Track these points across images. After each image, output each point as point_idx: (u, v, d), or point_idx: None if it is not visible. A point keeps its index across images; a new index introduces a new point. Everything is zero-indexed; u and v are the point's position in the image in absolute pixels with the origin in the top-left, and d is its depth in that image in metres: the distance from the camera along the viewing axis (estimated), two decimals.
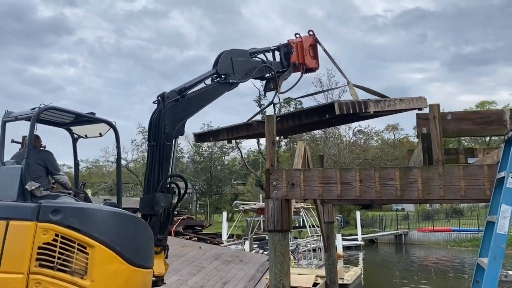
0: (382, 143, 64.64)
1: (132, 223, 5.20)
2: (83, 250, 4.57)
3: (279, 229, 6.76)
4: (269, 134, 7.01)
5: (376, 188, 6.37)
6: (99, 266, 4.64)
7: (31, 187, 4.82)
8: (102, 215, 4.95)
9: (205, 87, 6.37)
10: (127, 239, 5.02)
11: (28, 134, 5.01)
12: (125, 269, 4.94)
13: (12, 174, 4.95)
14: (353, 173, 6.54)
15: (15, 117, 5.34)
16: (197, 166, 58.55)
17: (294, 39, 8.38)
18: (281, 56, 8.04)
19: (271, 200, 6.82)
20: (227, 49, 6.89)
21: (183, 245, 12.84)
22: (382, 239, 44.16)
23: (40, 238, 4.41)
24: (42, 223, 4.46)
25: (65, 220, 4.53)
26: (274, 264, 6.73)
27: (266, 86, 7.94)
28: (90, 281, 4.55)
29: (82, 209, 4.88)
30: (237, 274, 11.03)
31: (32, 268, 4.36)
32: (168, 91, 5.77)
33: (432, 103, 6.32)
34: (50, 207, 4.58)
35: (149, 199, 5.46)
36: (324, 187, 6.65)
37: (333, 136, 58.43)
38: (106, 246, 4.73)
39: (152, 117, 5.69)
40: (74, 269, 4.50)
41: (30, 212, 4.50)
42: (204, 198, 59.12)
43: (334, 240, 12.14)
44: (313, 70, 8.66)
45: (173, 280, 9.87)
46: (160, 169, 5.53)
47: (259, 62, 7.51)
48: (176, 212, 14.63)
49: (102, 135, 5.97)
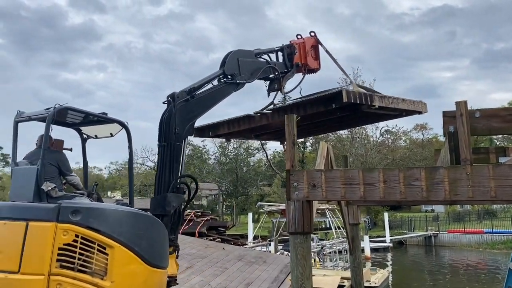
0: (411, 143, 63.33)
1: (149, 223, 5.20)
2: (103, 251, 4.57)
3: (301, 231, 6.61)
4: (289, 134, 6.86)
5: (401, 189, 6.13)
6: (119, 267, 4.66)
7: (47, 188, 4.82)
8: (121, 215, 4.95)
9: (213, 87, 6.40)
10: (145, 239, 5.02)
11: (44, 134, 5.01)
12: (144, 269, 4.95)
13: (28, 175, 4.95)
14: (377, 173, 6.32)
15: (28, 117, 5.32)
16: (223, 167, 58.76)
17: (296, 40, 8.39)
18: (284, 57, 8.07)
19: (292, 201, 6.68)
20: (233, 50, 6.91)
21: (206, 246, 12.81)
22: (411, 240, 43.19)
23: (60, 239, 4.42)
24: (62, 224, 4.47)
25: (85, 221, 4.54)
26: (296, 267, 6.58)
27: (270, 86, 7.98)
28: (110, 282, 4.55)
29: (102, 210, 4.88)
30: (261, 275, 10.92)
31: (53, 269, 4.37)
32: (178, 91, 5.79)
33: (459, 100, 6.04)
34: (70, 207, 4.58)
35: (160, 200, 5.46)
36: (347, 188, 6.46)
37: (359, 136, 57.64)
38: (125, 247, 4.74)
39: (162, 117, 5.70)
40: (94, 269, 4.50)
41: (50, 213, 4.50)
42: (230, 199, 59.27)
43: (360, 242, 11.85)
44: (315, 71, 8.68)
45: (196, 281, 9.84)
46: (171, 170, 5.54)
47: (264, 63, 7.55)
48: (200, 213, 14.65)
49: (113, 135, 5.96)
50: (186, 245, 12.63)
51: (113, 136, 5.95)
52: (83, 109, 5.40)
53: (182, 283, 9.32)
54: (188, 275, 10.11)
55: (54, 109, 5.00)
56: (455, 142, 6.16)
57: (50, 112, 4.99)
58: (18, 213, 4.60)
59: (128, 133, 5.74)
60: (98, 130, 5.97)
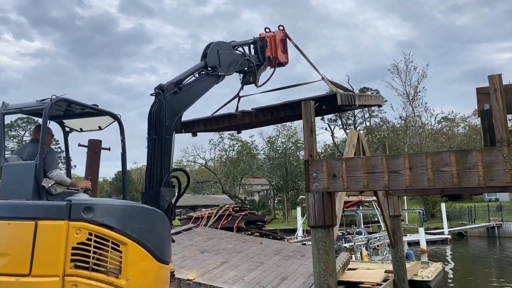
0: (470, 129, 59.99)
1: (157, 218, 5.04)
2: (117, 248, 4.43)
3: (321, 225, 6.18)
4: (307, 122, 6.43)
5: (429, 176, 5.55)
6: (133, 264, 4.52)
7: (48, 185, 4.65)
8: (132, 211, 4.79)
9: (196, 79, 6.31)
10: (155, 235, 4.88)
11: (41, 128, 4.78)
12: (154, 266, 4.81)
13: (23, 171, 4.75)
14: (402, 159, 5.76)
15: (19, 109, 5.07)
16: (272, 162, 58.56)
17: (266, 33, 8.37)
18: (257, 50, 8.09)
19: (311, 193, 6.26)
20: (213, 41, 6.86)
21: (244, 241, 12.62)
22: (472, 232, 40.78)
23: (73, 237, 4.27)
24: (74, 222, 4.30)
25: (98, 218, 4.38)
26: (318, 262, 6.17)
27: (244, 79, 8.01)
28: (125, 280, 4.43)
29: (114, 206, 4.71)
30: (297, 270, 10.55)
31: (67, 270, 4.22)
32: (166, 83, 5.62)
33: (491, 74, 5.36)
34: (81, 204, 4.41)
35: (154, 194, 5.28)
36: (369, 177, 5.95)
37: (413, 125, 55.41)
38: (138, 243, 4.61)
39: (151, 110, 5.51)
40: (108, 268, 4.37)
41: (61, 210, 4.31)
42: (281, 194, 58.98)
43: (402, 235, 11.14)
44: (283, 64, 8.69)
45: (230, 276, 9.64)
46: (162, 163, 5.36)
47: (240, 56, 7.58)
48: (238, 207, 14.49)
49: (102, 128, 5.75)
50: (223, 240, 12.52)
51: (102, 130, 5.76)
52: (79, 101, 5.18)
53: (216, 278, 9.18)
54: (222, 270, 9.94)
55: (51, 101, 4.77)
56: (489, 121, 5.50)
57: (47, 104, 4.75)
58: (25, 212, 4.40)
59: (120, 126, 5.56)
60: (84, 123, 5.76)
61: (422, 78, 55.79)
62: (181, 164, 68.03)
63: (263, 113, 7.78)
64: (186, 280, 8.63)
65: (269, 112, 7.62)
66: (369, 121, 62.61)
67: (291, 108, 7.47)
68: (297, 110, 7.37)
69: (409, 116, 56.62)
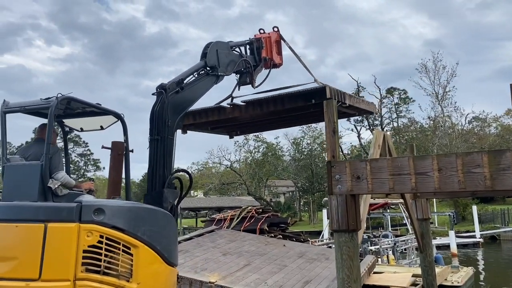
0: (502, 129, 58.08)
1: (166, 220, 4.94)
2: (128, 251, 4.31)
3: (345, 229, 5.94)
4: (329, 121, 6.23)
5: (459, 178, 5.24)
6: (144, 267, 4.41)
7: (54, 186, 4.54)
8: (143, 213, 4.66)
9: (196, 79, 6.26)
10: (165, 237, 4.77)
11: (47, 127, 4.62)
12: (164, 269, 4.71)
13: (28, 172, 4.61)
14: (430, 160, 5.47)
15: (22, 107, 4.86)
16: (298, 164, 58.14)
17: (261, 34, 8.35)
18: (253, 51, 8.07)
19: (334, 196, 6.03)
20: (212, 41, 6.83)
21: (267, 243, 12.41)
22: (506, 235, 39.33)
23: (84, 240, 4.15)
24: (85, 224, 4.18)
25: (109, 220, 4.26)
26: (341, 268, 5.93)
27: (240, 80, 7.98)
28: (136, 284, 4.31)
29: (125, 208, 4.59)
30: (321, 273, 10.28)
31: (78, 274, 4.10)
32: (167, 83, 5.55)
33: None
34: (92, 206, 4.28)
35: (156, 196, 5.17)
36: (395, 179, 5.67)
37: (443, 125, 54.06)
38: (149, 246, 4.50)
39: (153, 109, 5.40)
40: (120, 271, 4.24)
41: (71, 212, 4.18)
42: (307, 196, 58.50)
43: (431, 239, 10.73)
44: (278, 66, 8.68)
45: (252, 279, 9.47)
46: (164, 164, 5.26)
47: (238, 56, 7.57)
48: (261, 209, 14.31)
49: (104, 128, 5.57)
50: (246, 242, 12.35)
51: (104, 129, 5.60)
52: (84, 100, 5.02)
53: (238, 281, 9.03)
54: (245, 273, 9.78)
55: (57, 99, 4.62)
56: None
57: (53, 102, 4.58)
58: (34, 214, 4.25)
59: (124, 125, 5.40)
60: (85, 123, 5.60)
61: (452, 77, 54.44)
62: (206, 165, 68.47)
63: (253, 106, 7.73)
64: (207, 282, 8.50)
65: (258, 106, 7.59)
66: (396, 122, 61.44)
67: (281, 102, 7.42)
68: (286, 104, 7.38)
69: (438, 116, 55.30)
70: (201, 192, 72.41)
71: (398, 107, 60.24)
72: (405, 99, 59.87)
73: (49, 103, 4.63)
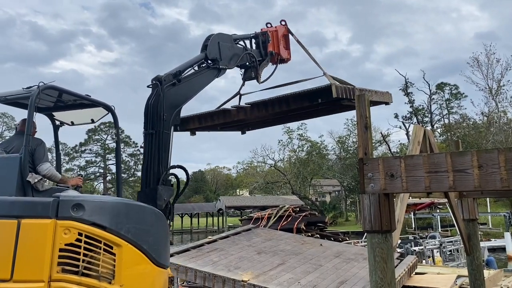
0: None
1: (155, 217, 4.63)
2: (110, 251, 4.00)
3: (378, 230, 5.63)
4: (361, 116, 5.90)
5: (502, 175, 4.82)
6: (127, 268, 4.10)
7: (34, 180, 4.30)
8: (128, 209, 4.34)
9: (196, 72, 6.10)
10: (152, 236, 4.47)
11: (27, 118, 4.39)
12: (151, 270, 4.41)
13: (8, 165, 4.33)
14: (469, 157, 5.07)
15: (3, 97, 4.69)
16: (343, 163, 57.15)
17: (267, 28, 8.06)
18: (259, 45, 7.82)
19: (366, 195, 5.73)
20: (214, 33, 6.65)
21: (303, 242, 12.16)
22: None
23: (61, 238, 3.78)
24: (62, 221, 3.82)
25: (89, 217, 3.93)
26: (374, 270, 5.63)
27: (246, 74, 7.76)
28: (119, 286, 4.02)
29: (107, 203, 4.26)
30: (358, 274, 9.94)
31: (54, 275, 3.74)
32: (164, 74, 5.39)
33: None
34: (70, 201, 3.94)
35: (150, 193, 5.00)
36: (432, 177, 5.31)
37: (497, 121, 51.37)
38: (134, 245, 4.19)
39: (148, 102, 5.23)
40: (100, 272, 3.93)
41: (47, 208, 3.82)
42: (353, 196, 57.40)
43: (478, 241, 10.08)
44: (286, 61, 8.41)
45: (285, 278, 9.30)
46: (159, 160, 5.06)
47: (242, 49, 7.35)
48: (298, 208, 14.09)
49: (94, 121, 5.40)
50: (281, 241, 12.17)
51: (95, 123, 5.43)
52: (69, 90, 4.78)
53: (271, 280, 8.88)
54: (278, 272, 9.62)
55: (39, 88, 4.36)
56: None
57: (34, 91, 4.31)
58: (6, 209, 3.91)
59: (114, 117, 5.23)
60: (75, 116, 5.37)
61: (506, 70, 51.63)
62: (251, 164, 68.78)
63: (258, 108, 7.55)
64: (240, 281, 8.42)
65: (263, 107, 7.42)
66: (447, 118, 59.02)
67: (286, 102, 7.22)
68: (292, 104, 7.17)
69: (492, 112, 52.61)
70: (246, 190, 72.88)
71: (449, 103, 57.92)
72: (456, 95, 57.50)
73: (30, 92, 4.40)
